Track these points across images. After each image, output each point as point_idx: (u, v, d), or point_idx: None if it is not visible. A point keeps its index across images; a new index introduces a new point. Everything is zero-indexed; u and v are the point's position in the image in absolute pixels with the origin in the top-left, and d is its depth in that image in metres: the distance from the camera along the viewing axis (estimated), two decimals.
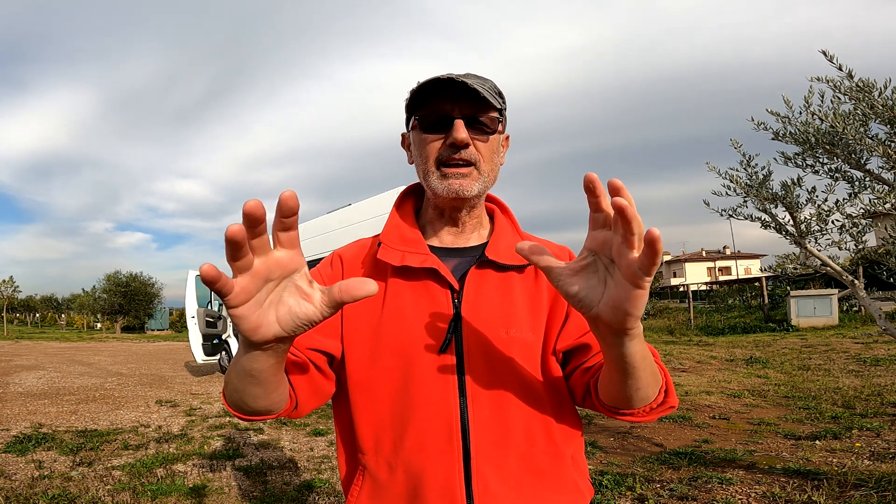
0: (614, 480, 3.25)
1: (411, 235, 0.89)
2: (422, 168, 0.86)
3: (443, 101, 0.82)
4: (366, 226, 6.80)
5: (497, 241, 0.88)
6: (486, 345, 0.80)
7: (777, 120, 2.83)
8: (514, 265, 0.86)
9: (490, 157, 0.85)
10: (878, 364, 7.07)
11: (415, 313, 0.82)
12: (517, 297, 0.84)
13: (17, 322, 47.61)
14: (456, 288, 0.83)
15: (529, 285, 0.86)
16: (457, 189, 0.82)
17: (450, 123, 0.82)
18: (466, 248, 0.90)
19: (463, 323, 0.81)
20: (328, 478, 3.62)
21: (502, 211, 0.96)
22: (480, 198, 0.89)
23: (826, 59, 2.46)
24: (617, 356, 0.65)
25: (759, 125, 2.88)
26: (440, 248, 0.89)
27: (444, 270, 0.84)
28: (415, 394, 0.79)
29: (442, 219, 0.91)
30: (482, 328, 0.81)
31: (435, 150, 0.83)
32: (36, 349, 17.11)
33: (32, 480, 3.53)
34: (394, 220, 0.92)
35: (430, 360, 0.80)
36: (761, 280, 16.62)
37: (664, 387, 0.75)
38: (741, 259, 46.35)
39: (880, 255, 2.93)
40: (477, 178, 0.84)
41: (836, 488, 2.89)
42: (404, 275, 0.85)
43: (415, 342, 0.81)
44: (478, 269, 0.85)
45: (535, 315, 0.84)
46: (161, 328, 36.67)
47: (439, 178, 0.83)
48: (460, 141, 0.81)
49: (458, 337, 0.80)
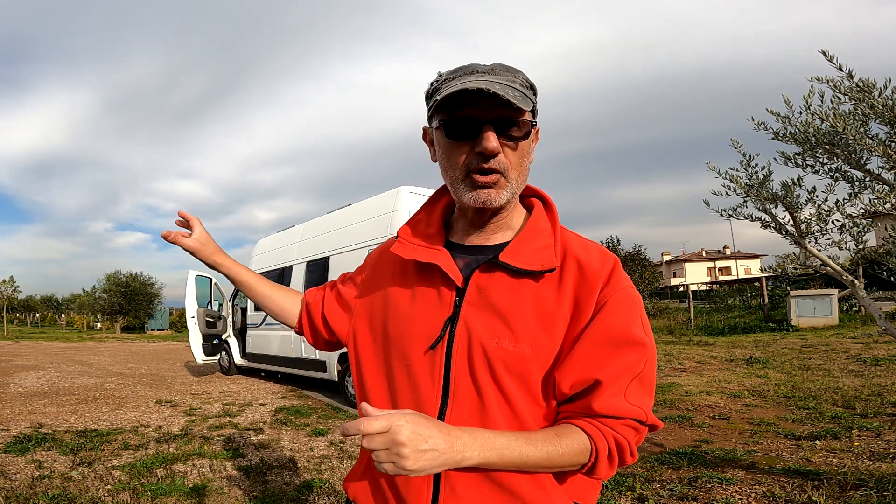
0: (614, 480, 3.25)
1: (429, 230, 0.90)
2: (449, 175, 0.82)
3: (470, 106, 0.76)
4: (366, 226, 6.80)
5: (521, 243, 0.82)
6: (476, 350, 0.78)
7: (777, 120, 2.83)
8: (527, 270, 0.79)
9: (520, 163, 0.80)
10: (878, 364, 7.07)
11: (417, 308, 0.84)
12: (526, 306, 0.78)
13: (17, 322, 47.61)
14: (460, 286, 0.82)
15: (546, 295, 0.79)
16: (484, 200, 0.78)
17: (478, 130, 0.76)
18: (485, 247, 0.86)
19: (458, 324, 0.79)
20: (328, 478, 3.62)
21: (545, 206, 0.89)
22: (509, 204, 0.84)
23: (826, 59, 2.46)
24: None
25: (759, 125, 2.88)
26: (459, 245, 0.88)
27: (448, 268, 0.82)
28: (404, 385, 0.82)
29: (465, 218, 0.88)
30: (477, 332, 0.78)
31: (462, 158, 0.78)
32: (36, 349, 17.11)
33: (32, 480, 3.53)
34: (417, 216, 0.93)
35: (422, 356, 0.81)
36: (761, 280, 16.62)
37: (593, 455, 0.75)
38: (741, 259, 46.34)
39: (880, 255, 2.93)
40: (505, 187, 0.79)
41: (836, 488, 2.89)
42: (414, 269, 0.87)
43: (412, 336, 0.82)
44: (483, 272, 0.81)
45: (545, 330, 0.77)
46: (161, 328, 36.69)
47: (467, 189, 0.79)
48: (490, 151, 0.75)
49: (451, 337, 0.80)
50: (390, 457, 0.63)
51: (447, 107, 0.77)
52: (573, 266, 0.80)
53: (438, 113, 0.79)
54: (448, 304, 0.82)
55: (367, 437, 0.63)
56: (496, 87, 0.72)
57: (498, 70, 0.77)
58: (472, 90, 0.72)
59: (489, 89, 0.71)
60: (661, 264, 48.74)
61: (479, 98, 0.74)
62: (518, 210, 0.89)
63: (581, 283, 0.79)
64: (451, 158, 0.80)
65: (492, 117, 0.75)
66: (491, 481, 0.76)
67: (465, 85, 0.73)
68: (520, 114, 0.76)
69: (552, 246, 0.82)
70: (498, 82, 0.74)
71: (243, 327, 9.87)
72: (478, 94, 0.73)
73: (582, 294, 0.78)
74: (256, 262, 9.79)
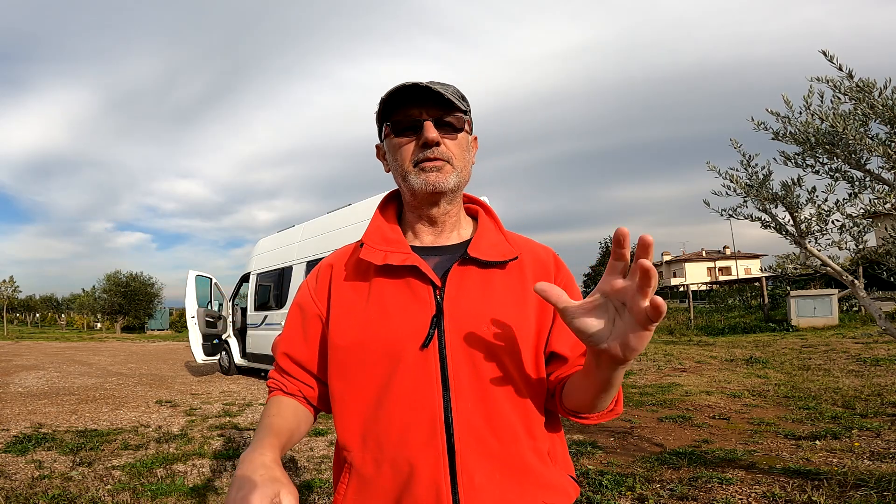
0: (614, 480, 3.25)
1: (393, 235, 0.93)
2: (399, 171, 0.90)
3: (411, 108, 0.87)
4: (365, 226, 6.79)
5: (480, 240, 0.92)
6: (469, 340, 0.83)
7: (777, 120, 2.83)
8: (496, 261, 0.89)
9: (461, 154, 0.90)
10: (878, 364, 7.08)
11: (398, 310, 0.85)
12: (500, 292, 0.87)
13: (17, 322, 47.60)
14: (438, 284, 0.86)
15: (513, 282, 0.89)
16: (434, 182, 0.86)
17: (420, 126, 0.86)
18: (447, 247, 0.94)
19: (445, 318, 0.83)
20: (328, 478, 3.62)
21: (486, 212, 1.00)
22: (456, 193, 0.93)
23: (826, 59, 2.46)
24: (605, 378, 0.73)
25: (759, 125, 2.88)
26: (421, 248, 0.93)
27: (425, 268, 0.86)
28: (399, 389, 0.82)
29: (420, 220, 0.94)
30: (465, 323, 0.83)
31: (409, 153, 0.88)
32: (36, 349, 17.11)
33: (32, 480, 3.53)
34: (376, 222, 0.97)
35: (414, 355, 0.82)
36: (761, 280, 16.63)
37: (617, 395, 0.83)
38: (741, 259, 46.36)
39: (880, 255, 2.93)
40: (451, 172, 0.88)
41: (836, 488, 2.89)
42: (387, 273, 0.88)
43: (398, 339, 0.83)
44: (460, 266, 0.88)
45: (521, 311, 0.86)
46: (161, 328, 36.68)
47: (416, 175, 0.87)
48: (431, 139, 0.85)
49: (441, 332, 0.83)
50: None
51: (392, 113, 0.89)
52: (529, 256, 0.93)
53: (385, 120, 0.90)
54: (429, 303, 0.84)
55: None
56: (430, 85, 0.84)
57: (433, 82, 0.88)
58: (408, 86, 0.84)
59: (420, 83, 0.84)
60: (661, 264, 48.79)
61: (417, 102, 0.87)
62: (465, 215, 0.99)
63: (539, 270, 0.92)
64: (399, 156, 0.89)
65: (430, 115, 0.87)
66: (501, 463, 0.81)
67: (401, 83, 0.86)
68: (453, 110, 0.88)
69: (504, 242, 0.94)
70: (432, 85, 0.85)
71: (243, 327, 9.86)
72: (416, 100, 0.86)
73: (542, 278, 0.91)
74: (256, 262, 9.77)
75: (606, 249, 19.16)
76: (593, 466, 3.60)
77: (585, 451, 3.94)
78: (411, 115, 0.87)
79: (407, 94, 0.86)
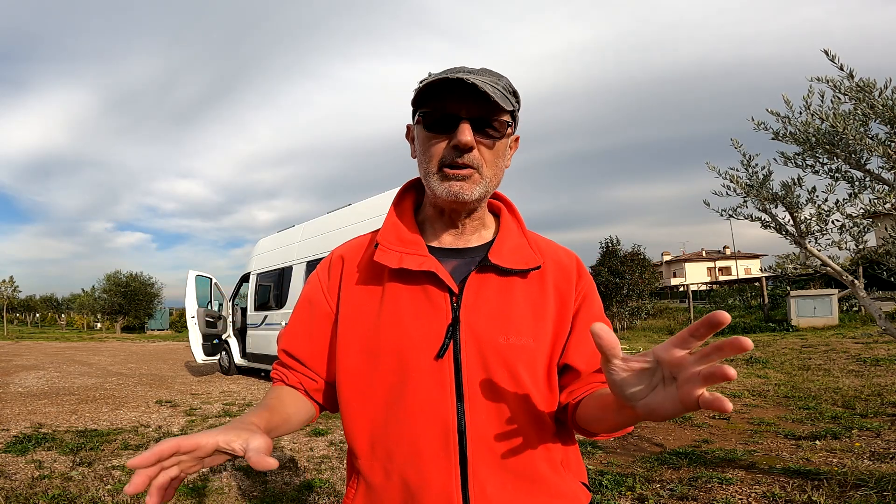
0: (614, 480, 3.25)
1: (409, 236, 0.87)
2: (424, 167, 0.83)
3: (450, 100, 0.78)
4: (366, 226, 6.80)
5: (501, 244, 0.86)
6: (485, 351, 0.79)
7: (777, 120, 2.84)
8: (517, 269, 0.83)
9: (494, 162, 0.82)
10: (878, 364, 7.08)
11: (412, 317, 0.81)
12: (519, 302, 0.82)
13: (17, 322, 47.61)
14: (455, 292, 0.81)
15: (533, 290, 0.84)
16: (457, 192, 0.79)
17: (455, 124, 0.78)
18: (467, 249, 0.88)
19: (461, 328, 0.79)
20: (328, 478, 3.62)
21: (509, 210, 0.93)
22: (481, 202, 0.86)
23: (828, 59, 2.46)
24: (622, 422, 0.72)
25: (759, 125, 2.88)
26: (439, 249, 0.87)
27: (442, 274, 0.81)
28: (411, 399, 0.78)
29: (441, 218, 0.88)
30: (481, 334, 0.79)
31: (438, 151, 0.80)
32: (36, 349, 17.11)
33: (32, 480, 3.53)
34: (392, 220, 0.90)
35: (428, 365, 0.78)
36: (761, 280, 16.63)
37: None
38: (741, 259, 46.34)
39: (880, 254, 2.93)
40: (478, 182, 0.80)
41: (836, 488, 2.89)
42: (402, 277, 0.83)
43: (412, 347, 0.79)
44: (479, 273, 0.83)
45: (539, 321, 0.82)
46: (161, 328, 36.66)
47: (439, 180, 0.80)
48: (464, 144, 0.77)
49: (457, 342, 0.79)
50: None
51: (430, 101, 0.79)
52: (552, 264, 0.87)
53: (420, 107, 0.81)
54: (445, 311, 0.80)
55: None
56: (476, 81, 0.74)
57: (483, 72, 0.80)
58: (452, 80, 0.75)
59: (468, 80, 0.73)
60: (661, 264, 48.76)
61: (459, 95, 0.76)
62: (487, 214, 0.92)
63: (561, 279, 0.87)
64: (427, 151, 0.82)
65: (470, 114, 0.78)
66: (514, 475, 0.78)
67: (446, 75, 0.76)
68: (497, 112, 0.78)
69: (527, 245, 0.88)
70: (479, 79, 0.75)
71: (243, 327, 9.86)
72: (458, 92, 0.76)
73: (563, 287, 0.86)
74: (256, 262, 9.77)
75: (606, 249, 19.08)
76: (593, 466, 3.60)
77: (585, 451, 3.94)
78: (448, 111, 0.78)
79: (450, 83, 0.75)
